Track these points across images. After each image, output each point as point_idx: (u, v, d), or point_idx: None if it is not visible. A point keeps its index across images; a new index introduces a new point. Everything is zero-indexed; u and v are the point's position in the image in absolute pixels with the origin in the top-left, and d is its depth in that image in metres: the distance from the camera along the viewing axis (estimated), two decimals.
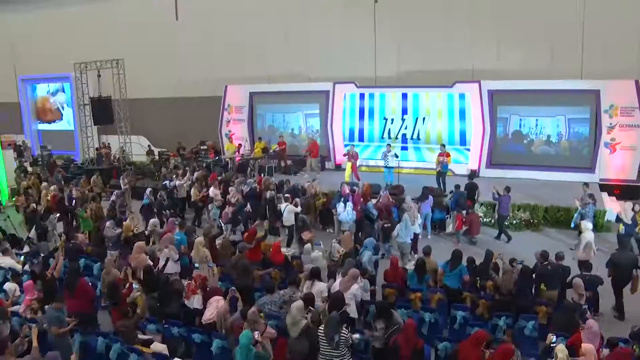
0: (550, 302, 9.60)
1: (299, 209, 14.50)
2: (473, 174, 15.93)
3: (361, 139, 22.37)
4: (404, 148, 21.53)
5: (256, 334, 7.58)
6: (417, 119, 21.80)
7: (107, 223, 13.21)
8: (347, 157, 19.93)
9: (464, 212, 14.68)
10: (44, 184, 18.92)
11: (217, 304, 8.82)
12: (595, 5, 19.59)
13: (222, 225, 15.28)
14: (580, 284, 9.18)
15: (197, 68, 26.48)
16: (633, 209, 13.11)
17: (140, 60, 25.58)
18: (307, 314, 8.19)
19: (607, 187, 18.52)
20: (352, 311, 8.94)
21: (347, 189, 15.32)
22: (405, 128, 22.01)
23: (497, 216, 15.12)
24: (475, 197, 15.65)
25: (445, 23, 21.78)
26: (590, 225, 12.12)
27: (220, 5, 25.61)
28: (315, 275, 9.55)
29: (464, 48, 21.48)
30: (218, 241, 12.61)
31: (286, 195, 15.44)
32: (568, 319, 8.35)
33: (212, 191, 16.45)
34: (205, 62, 26.18)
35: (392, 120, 22.14)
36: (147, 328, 9.08)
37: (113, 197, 16.28)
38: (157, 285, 9.65)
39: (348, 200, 14.63)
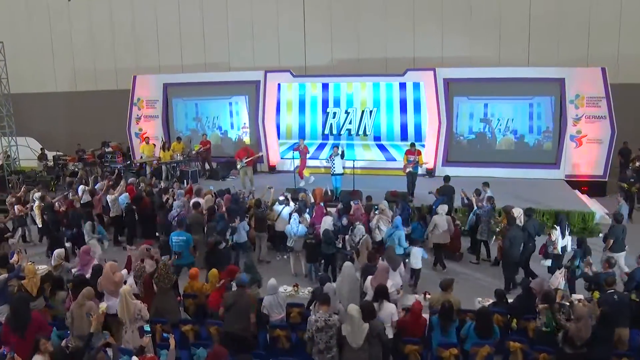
0: (621, 345, 7.29)
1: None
2: (448, 177, 13.47)
3: (302, 135, 19.37)
4: (350, 146, 18.91)
5: None
6: (363, 112, 19.10)
7: None
8: (298, 152, 17.02)
9: None
10: None
11: None
12: None
13: None
14: None
15: (96, 57, 23.21)
16: None
17: (25, 48, 22.41)
18: None
19: (574, 185, 16.98)
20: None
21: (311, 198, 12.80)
22: (350, 123, 19.24)
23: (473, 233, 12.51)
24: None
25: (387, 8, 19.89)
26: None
27: None
28: (382, 293, 7.62)
29: (407, 35, 19.69)
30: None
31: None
32: None
33: None
34: (106, 50, 23.01)
35: (335, 114, 19.30)
36: None
37: None
38: None
39: (303, 213, 11.77)
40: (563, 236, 10.56)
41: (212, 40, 21.77)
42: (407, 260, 10.58)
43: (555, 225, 10.86)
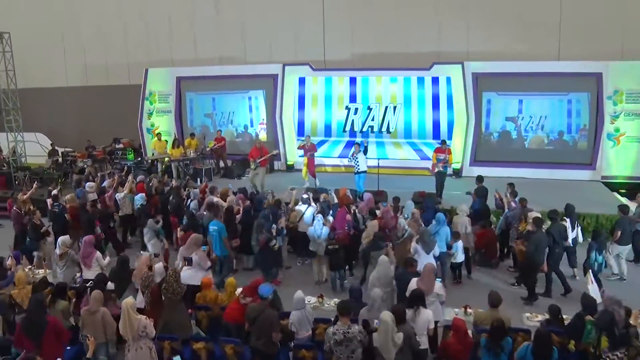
0: None
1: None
2: (481, 177, 12.44)
3: (328, 133, 18.46)
4: (380, 144, 18.01)
5: None
6: (386, 108, 18.08)
7: None
8: (303, 150, 16.12)
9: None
10: None
11: None
12: None
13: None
14: None
15: (108, 51, 22.37)
16: None
17: (35, 42, 21.76)
18: None
19: (611, 186, 15.96)
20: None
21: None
22: (373, 119, 18.22)
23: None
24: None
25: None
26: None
27: None
28: (418, 299, 6.94)
29: (431, 28, 18.57)
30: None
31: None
32: None
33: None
34: (118, 44, 22.17)
35: (356, 110, 18.31)
36: None
37: None
38: None
39: (327, 214, 10.83)
40: (573, 228, 10.30)
41: (227, 33, 20.81)
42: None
43: (565, 217, 10.44)
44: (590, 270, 9.32)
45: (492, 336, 6.30)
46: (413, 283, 7.59)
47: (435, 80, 17.50)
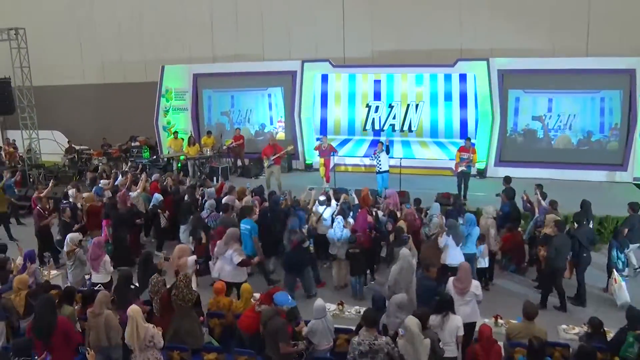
0: None
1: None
2: (509, 178, 11.85)
3: (351, 131, 18.06)
4: (406, 144, 17.51)
5: None
6: (408, 106, 17.53)
7: None
8: (318, 151, 15.64)
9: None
10: None
11: None
12: None
13: None
14: None
15: (124, 48, 22.18)
16: None
17: (52, 41, 21.60)
18: None
19: None
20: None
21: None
22: (394, 118, 17.68)
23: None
24: None
25: None
26: None
27: None
28: (447, 304, 6.66)
29: (453, 25, 17.89)
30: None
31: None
32: None
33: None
34: (134, 41, 21.89)
35: (377, 108, 17.77)
36: None
37: None
38: None
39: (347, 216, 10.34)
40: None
41: (245, 29, 20.41)
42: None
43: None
44: (615, 270, 9.11)
45: (531, 356, 5.75)
46: (450, 283, 7.36)
47: (462, 78, 16.95)
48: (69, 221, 11.32)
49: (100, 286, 8.42)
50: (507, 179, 11.92)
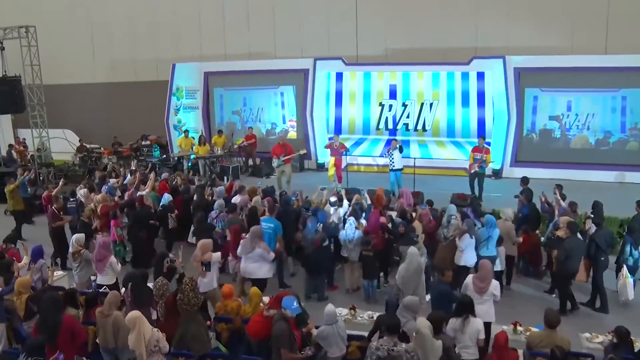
0: None
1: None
2: (527, 179, 11.52)
3: (366, 131, 17.80)
4: (423, 144, 17.27)
5: None
6: (422, 104, 17.22)
7: None
8: (330, 150, 15.40)
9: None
10: None
11: None
12: None
13: None
14: None
15: (136, 47, 21.99)
16: None
17: (63, 39, 21.66)
18: None
19: None
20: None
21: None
22: (408, 117, 17.37)
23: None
24: None
25: None
26: None
27: None
28: (467, 307, 6.44)
29: (468, 22, 17.50)
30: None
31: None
32: None
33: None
34: (146, 40, 21.69)
35: (390, 106, 17.48)
36: None
37: None
38: None
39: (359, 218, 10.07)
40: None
41: (256, 28, 20.20)
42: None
43: (590, 214, 10.13)
44: (625, 266, 8.93)
45: None
46: (469, 280, 7.30)
47: (480, 76, 16.60)
48: (87, 221, 11.13)
49: (105, 288, 8.24)
50: (525, 180, 11.55)
